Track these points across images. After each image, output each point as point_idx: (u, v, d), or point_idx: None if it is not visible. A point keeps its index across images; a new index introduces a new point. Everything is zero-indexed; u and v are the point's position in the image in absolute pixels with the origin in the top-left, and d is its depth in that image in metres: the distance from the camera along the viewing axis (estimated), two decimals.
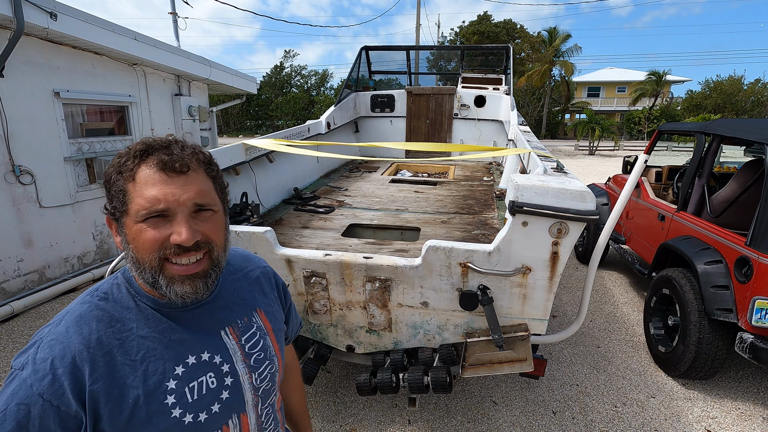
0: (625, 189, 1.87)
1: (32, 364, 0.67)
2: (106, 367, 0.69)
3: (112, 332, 0.72)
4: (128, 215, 0.70)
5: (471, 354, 2.00)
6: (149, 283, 0.73)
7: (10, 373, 0.69)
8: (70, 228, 4.68)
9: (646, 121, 32.22)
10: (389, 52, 7.00)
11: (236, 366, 0.82)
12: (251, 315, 0.89)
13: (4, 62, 3.76)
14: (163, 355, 0.74)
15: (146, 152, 0.71)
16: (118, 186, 0.71)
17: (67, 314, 0.73)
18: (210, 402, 0.77)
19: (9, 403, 0.65)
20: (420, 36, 21.44)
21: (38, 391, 0.65)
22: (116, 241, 0.75)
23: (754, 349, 2.50)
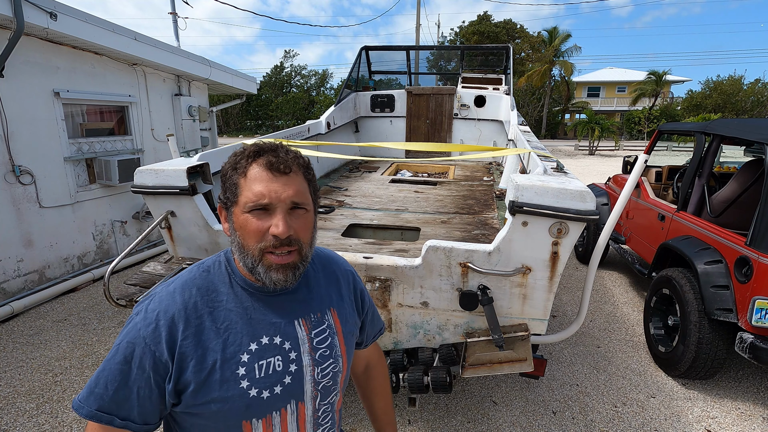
0: (625, 189, 1.87)
1: (144, 313, 0.81)
2: (196, 329, 0.81)
3: (206, 300, 0.83)
4: (237, 205, 0.82)
5: (471, 354, 2.00)
6: (248, 269, 0.83)
7: (130, 317, 0.83)
8: (70, 228, 4.68)
9: (646, 121, 32.22)
10: (389, 52, 7.00)
11: (302, 356, 0.88)
12: (324, 312, 0.95)
13: (4, 62, 3.76)
14: (242, 330, 0.83)
15: (258, 153, 0.83)
16: (233, 180, 0.83)
17: (177, 278, 0.86)
18: (274, 383, 0.84)
19: (123, 340, 0.79)
20: (420, 36, 21.44)
21: (143, 335, 0.78)
22: (224, 228, 0.87)
23: (754, 349, 2.50)
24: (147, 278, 2.16)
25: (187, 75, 6.29)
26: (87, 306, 4.22)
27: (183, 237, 2.34)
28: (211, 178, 2.41)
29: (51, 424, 2.63)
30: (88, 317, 3.99)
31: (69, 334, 3.69)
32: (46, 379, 3.06)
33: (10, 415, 2.69)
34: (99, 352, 3.41)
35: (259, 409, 0.83)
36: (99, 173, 4.91)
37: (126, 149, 5.36)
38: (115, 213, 5.26)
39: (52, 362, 3.26)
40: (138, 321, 0.80)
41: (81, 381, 3.04)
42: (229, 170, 0.84)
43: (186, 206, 2.21)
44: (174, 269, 2.20)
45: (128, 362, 0.78)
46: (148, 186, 2.21)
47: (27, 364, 3.23)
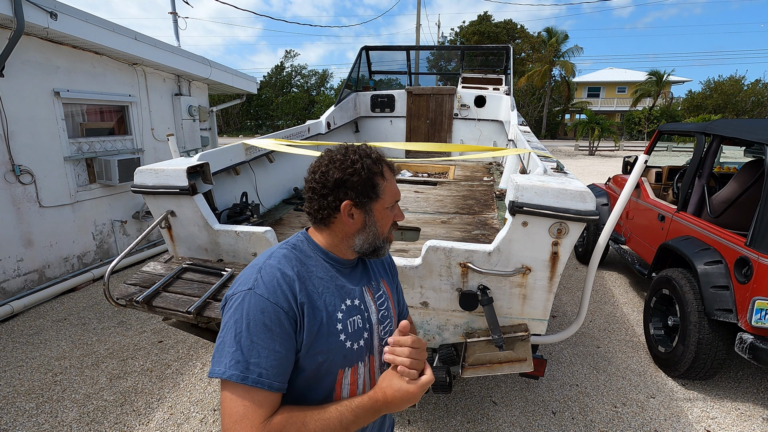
0: (625, 189, 1.87)
1: (263, 284, 0.89)
2: (306, 290, 0.94)
3: (305, 268, 0.97)
4: (379, 201, 1.01)
5: (471, 354, 2.00)
6: (374, 247, 1.04)
7: (237, 297, 0.89)
8: (70, 228, 4.68)
9: (646, 121, 32.21)
10: (389, 52, 7.00)
11: (371, 316, 1.06)
12: (379, 282, 1.14)
13: (5, 62, 3.76)
14: (333, 293, 0.99)
15: (380, 157, 1.03)
16: (373, 181, 0.99)
17: (273, 254, 0.97)
18: (359, 337, 1.01)
19: (252, 311, 0.87)
20: (420, 36, 21.43)
21: (274, 301, 0.88)
22: (349, 222, 0.99)
23: (754, 349, 2.50)
24: (147, 278, 2.16)
25: (187, 75, 6.29)
26: (87, 306, 4.22)
27: (183, 237, 2.34)
28: (211, 177, 2.41)
29: (51, 423, 2.63)
30: (88, 317, 3.99)
31: (69, 333, 3.69)
32: (46, 378, 3.06)
33: (10, 415, 2.69)
34: (99, 351, 3.41)
35: (351, 358, 0.99)
36: (99, 173, 4.91)
37: (126, 149, 5.36)
38: (115, 213, 5.26)
39: (51, 362, 3.26)
40: (261, 292, 0.88)
41: (81, 381, 3.04)
42: (365, 173, 0.98)
43: (186, 206, 2.21)
44: (174, 269, 2.20)
45: (269, 329, 0.86)
46: (148, 186, 2.21)
47: (27, 364, 3.23)
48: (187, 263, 2.25)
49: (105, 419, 2.66)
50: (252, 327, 0.86)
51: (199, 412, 2.75)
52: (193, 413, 2.73)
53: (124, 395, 2.89)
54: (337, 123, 5.40)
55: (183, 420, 2.67)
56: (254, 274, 0.92)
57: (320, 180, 0.98)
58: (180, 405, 2.80)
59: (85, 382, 3.02)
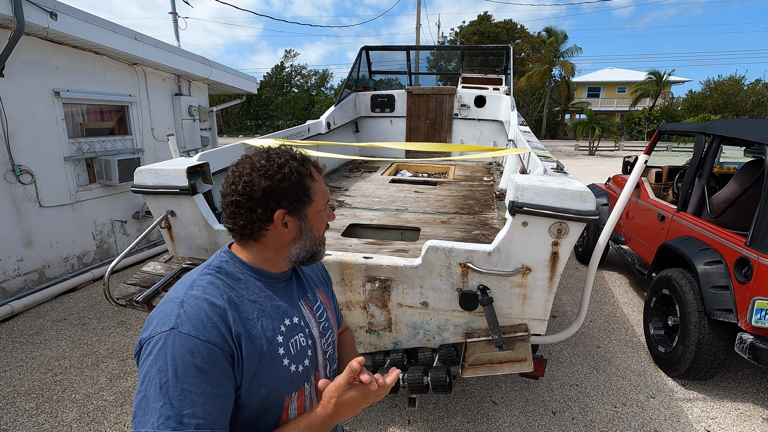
0: (625, 189, 1.87)
1: (188, 321, 0.78)
2: (240, 319, 0.84)
3: (235, 295, 0.87)
4: (312, 204, 0.94)
5: (471, 354, 2.00)
6: (311, 253, 0.97)
7: (157, 340, 0.77)
8: (70, 228, 4.68)
9: (646, 121, 32.20)
10: (390, 52, 6.99)
11: (312, 331, 0.99)
12: (315, 292, 1.08)
13: (5, 62, 3.76)
14: (271, 316, 0.90)
15: (304, 158, 0.95)
16: (304, 184, 0.92)
17: (195, 282, 0.86)
18: (303, 357, 0.94)
19: (178, 354, 0.75)
20: (420, 36, 21.44)
21: (204, 338, 0.77)
22: (283, 232, 0.91)
23: (754, 349, 2.50)
24: (147, 278, 2.16)
25: (187, 75, 6.29)
26: (87, 306, 4.22)
27: (183, 237, 2.34)
28: (211, 177, 2.41)
29: (51, 423, 2.63)
30: (88, 317, 3.99)
31: (69, 333, 3.69)
32: (46, 378, 3.06)
33: (10, 415, 2.69)
34: (99, 351, 3.41)
35: (297, 382, 0.93)
36: (99, 173, 4.91)
37: (126, 149, 5.36)
38: (115, 213, 5.26)
39: (51, 362, 3.26)
40: (186, 330, 0.77)
41: (81, 381, 3.04)
42: (294, 177, 0.90)
43: (186, 206, 2.21)
44: (174, 269, 2.20)
45: (202, 370, 0.75)
46: (148, 186, 2.21)
47: (27, 364, 3.23)
48: (187, 263, 2.25)
49: (105, 419, 2.66)
50: (180, 372, 0.74)
51: None
52: None
53: (124, 395, 2.89)
54: (337, 123, 5.40)
55: None
56: (175, 310, 0.80)
57: (245, 191, 0.88)
58: None
59: (85, 382, 3.02)
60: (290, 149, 0.96)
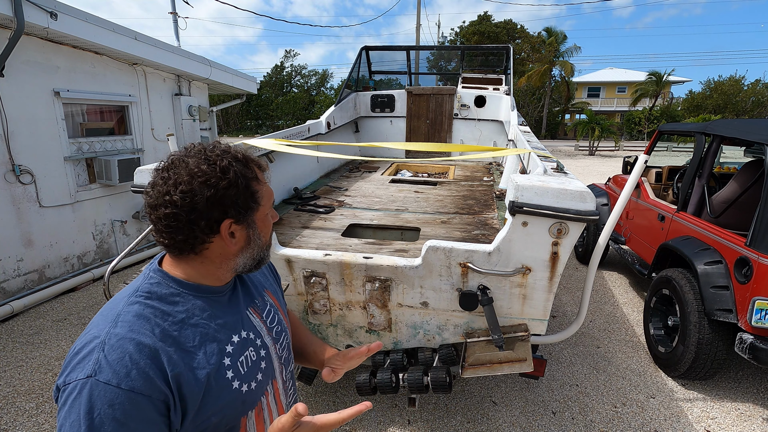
0: (625, 189, 1.87)
1: (108, 367, 0.68)
2: (176, 354, 0.74)
3: (168, 324, 0.77)
4: (260, 209, 0.85)
5: (471, 354, 2.00)
6: (258, 260, 0.89)
7: (71, 389, 0.67)
8: (70, 228, 4.68)
9: (646, 121, 32.20)
10: (390, 52, 6.99)
11: (264, 339, 0.93)
12: (263, 295, 1.00)
13: (5, 62, 3.76)
14: (214, 338, 0.81)
15: (247, 158, 0.85)
16: (251, 189, 0.82)
17: (119, 317, 0.75)
18: (255, 372, 0.88)
19: (95, 407, 0.66)
20: (420, 36, 21.44)
21: (127, 387, 0.67)
22: (230, 243, 0.82)
23: (754, 349, 2.50)
24: None
25: (187, 75, 6.29)
26: (87, 305, 4.22)
27: None
28: None
29: (51, 423, 2.63)
30: (88, 317, 3.99)
31: (69, 333, 3.69)
32: (46, 378, 3.06)
33: (10, 415, 2.69)
34: None
35: (252, 401, 0.87)
36: (99, 173, 4.91)
37: (126, 149, 5.36)
38: (115, 213, 5.26)
39: (51, 362, 3.26)
40: (107, 379, 0.67)
41: None
42: (241, 181, 0.80)
43: None
44: None
45: (122, 423, 0.66)
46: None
47: (27, 364, 3.23)
48: None
49: None
50: (97, 427, 0.65)
51: None
52: None
53: None
54: (337, 123, 5.40)
55: None
56: (94, 354, 0.69)
57: (184, 203, 0.75)
58: None
59: None
60: (229, 146, 0.85)
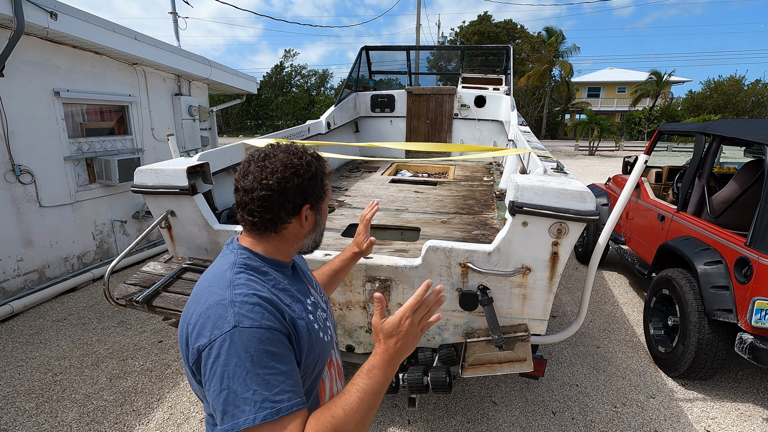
0: (625, 189, 1.87)
1: (246, 316, 0.82)
2: (285, 305, 0.92)
3: (270, 286, 0.93)
4: (325, 200, 1.04)
5: (471, 354, 2.00)
6: (317, 242, 1.07)
7: (221, 341, 0.80)
8: (70, 227, 4.68)
9: (646, 121, 32.20)
10: (390, 52, 6.99)
11: (323, 305, 1.11)
12: (309, 276, 1.18)
13: (5, 62, 3.76)
14: (298, 299, 0.98)
15: (320, 156, 1.04)
16: (323, 182, 1.01)
17: (233, 282, 0.89)
18: (327, 328, 1.06)
19: (248, 346, 0.80)
20: (420, 36, 21.44)
21: (266, 326, 0.83)
22: (304, 225, 0.99)
23: (754, 349, 2.50)
24: (147, 278, 2.16)
25: (187, 75, 6.29)
26: (87, 305, 4.22)
27: (183, 237, 2.34)
28: (211, 177, 2.41)
29: (51, 423, 2.63)
30: (88, 317, 3.99)
31: (69, 333, 3.69)
32: (46, 378, 3.06)
33: (10, 415, 2.69)
34: (98, 351, 3.41)
35: (328, 350, 1.04)
36: (99, 173, 4.91)
37: (126, 149, 5.36)
38: (115, 212, 5.26)
39: (51, 362, 3.26)
40: (249, 324, 0.82)
41: (81, 381, 3.04)
42: (319, 174, 1.00)
43: (186, 206, 2.21)
44: (174, 269, 2.20)
45: (274, 353, 0.82)
46: (148, 186, 2.21)
47: (27, 364, 3.23)
48: (187, 263, 2.25)
49: (105, 419, 2.66)
50: (257, 361, 0.79)
51: (199, 412, 2.75)
52: (192, 413, 2.73)
53: (124, 395, 2.89)
54: (337, 123, 5.39)
55: (183, 420, 2.67)
56: (229, 310, 0.83)
57: (278, 188, 0.92)
58: (180, 405, 2.80)
59: (85, 382, 3.02)
60: (305, 147, 1.03)
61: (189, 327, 0.86)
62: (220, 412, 0.79)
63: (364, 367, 0.87)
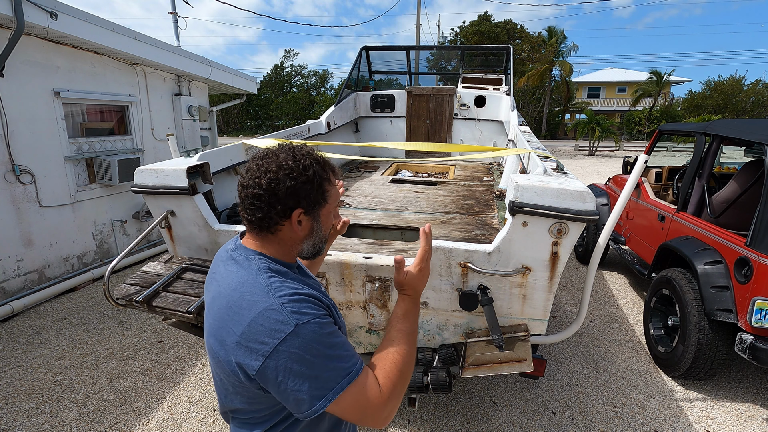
0: (625, 189, 1.87)
1: (300, 314, 0.87)
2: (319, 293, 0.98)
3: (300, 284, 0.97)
4: (327, 205, 1.01)
5: (471, 354, 2.00)
6: (317, 249, 1.05)
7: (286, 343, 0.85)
8: (70, 227, 4.68)
9: (646, 121, 32.20)
10: (390, 52, 6.99)
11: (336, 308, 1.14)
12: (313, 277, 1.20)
13: (5, 62, 3.76)
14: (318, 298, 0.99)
15: (327, 162, 1.03)
16: (323, 187, 0.99)
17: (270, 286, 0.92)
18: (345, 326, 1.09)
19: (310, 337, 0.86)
20: (420, 36, 21.44)
21: (320, 315, 0.90)
22: (297, 229, 0.98)
23: (754, 349, 2.50)
24: (147, 278, 2.16)
25: (187, 75, 6.29)
26: (87, 305, 4.22)
27: (183, 237, 2.34)
28: (211, 177, 2.41)
29: (50, 423, 2.63)
30: (88, 317, 3.99)
31: (68, 333, 3.69)
32: (46, 378, 3.06)
33: (10, 415, 2.69)
34: (98, 351, 3.41)
35: None
36: (99, 173, 4.91)
37: (126, 149, 5.36)
38: (115, 212, 5.26)
39: (51, 362, 3.26)
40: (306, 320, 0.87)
41: (81, 381, 3.04)
42: (317, 179, 0.98)
43: (186, 206, 2.21)
44: (174, 269, 2.20)
45: (331, 332, 0.90)
46: (148, 186, 2.21)
47: (27, 364, 3.23)
48: (187, 263, 2.25)
49: (105, 419, 2.66)
50: (325, 343, 0.87)
51: (199, 412, 2.75)
52: (193, 413, 2.73)
53: (124, 395, 2.89)
54: (337, 123, 5.39)
55: (183, 420, 2.67)
56: (283, 314, 0.87)
57: (269, 188, 0.92)
58: (180, 405, 2.80)
59: (85, 382, 3.02)
60: (313, 150, 1.02)
61: (239, 339, 0.88)
62: (308, 398, 0.85)
63: (398, 313, 1.04)
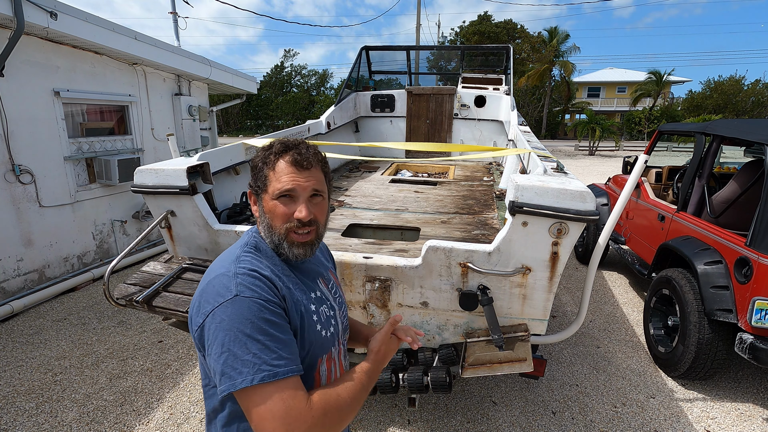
0: (625, 189, 1.87)
1: (246, 288, 0.88)
2: (283, 285, 0.96)
3: (273, 268, 0.98)
4: (267, 193, 1.00)
5: (471, 354, 2.00)
6: (275, 245, 1.01)
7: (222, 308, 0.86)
8: (70, 227, 4.68)
9: (646, 121, 32.19)
10: (390, 52, 6.99)
11: (332, 303, 1.11)
12: (327, 271, 1.19)
13: (5, 62, 3.76)
14: (299, 288, 1.01)
15: (284, 150, 1.01)
16: (263, 172, 1.01)
17: (239, 258, 0.96)
18: (329, 324, 1.06)
19: (248, 313, 0.85)
20: (420, 36, 21.44)
21: (264, 298, 0.89)
22: (253, 209, 1.06)
23: (754, 349, 2.50)
24: (147, 278, 2.16)
25: (187, 74, 6.29)
26: (87, 305, 4.22)
27: (183, 236, 2.34)
28: (211, 177, 2.41)
29: (50, 423, 2.63)
30: (88, 317, 3.99)
31: (68, 333, 3.69)
32: (46, 378, 3.06)
33: (10, 415, 2.69)
34: (98, 351, 3.41)
35: (326, 346, 1.04)
36: (99, 173, 4.91)
37: (126, 149, 5.36)
38: (115, 212, 5.26)
39: (51, 361, 3.26)
40: (248, 294, 0.88)
41: (81, 380, 3.04)
42: (259, 163, 1.02)
43: (186, 206, 2.21)
44: (174, 269, 2.20)
45: (272, 322, 0.87)
46: (148, 186, 2.21)
47: (27, 364, 3.23)
48: (187, 263, 2.25)
49: (105, 419, 2.66)
50: (258, 327, 0.85)
51: (200, 412, 2.75)
52: (193, 413, 2.73)
53: (124, 395, 2.89)
54: (337, 123, 5.39)
55: (183, 420, 2.67)
56: (230, 281, 0.90)
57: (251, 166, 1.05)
58: (180, 405, 2.80)
59: (85, 382, 3.02)
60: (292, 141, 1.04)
61: (197, 297, 0.93)
62: (219, 374, 0.83)
63: (363, 367, 1.00)
